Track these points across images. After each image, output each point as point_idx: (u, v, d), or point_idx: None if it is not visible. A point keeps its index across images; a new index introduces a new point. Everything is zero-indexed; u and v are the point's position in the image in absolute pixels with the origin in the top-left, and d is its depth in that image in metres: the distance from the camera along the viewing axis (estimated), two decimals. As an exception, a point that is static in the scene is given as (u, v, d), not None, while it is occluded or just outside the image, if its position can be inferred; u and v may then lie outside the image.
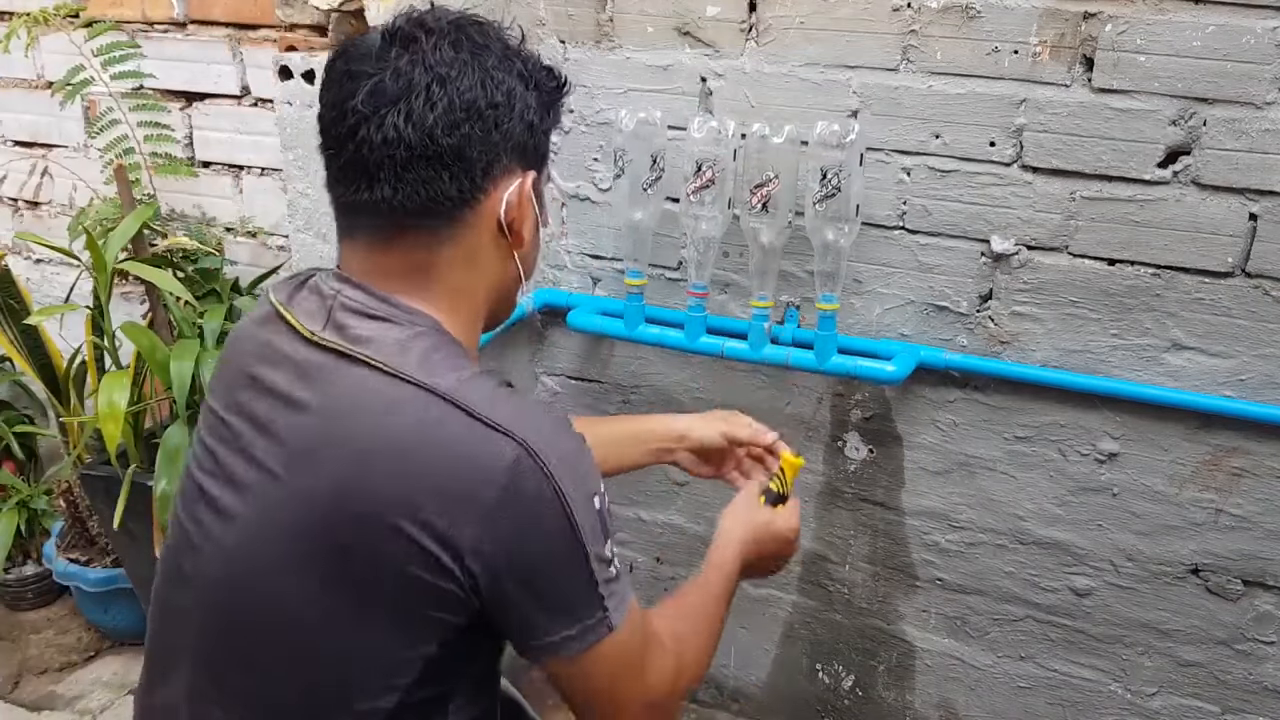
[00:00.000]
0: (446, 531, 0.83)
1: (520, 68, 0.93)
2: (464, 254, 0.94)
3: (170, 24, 2.07)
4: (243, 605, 0.91)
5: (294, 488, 0.87)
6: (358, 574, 0.86)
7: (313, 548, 0.87)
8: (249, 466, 0.91)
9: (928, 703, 1.84)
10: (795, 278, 1.67)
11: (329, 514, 0.86)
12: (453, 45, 0.90)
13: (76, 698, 2.09)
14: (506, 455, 0.84)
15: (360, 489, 0.84)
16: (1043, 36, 1.42)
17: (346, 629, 0.88)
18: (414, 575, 0.84)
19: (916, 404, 1.67)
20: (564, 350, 1.90)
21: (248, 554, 0.90)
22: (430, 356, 0.88)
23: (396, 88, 0.87)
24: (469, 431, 0.85)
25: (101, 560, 2.15)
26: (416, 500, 0.83)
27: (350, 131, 0.88)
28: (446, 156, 0.89)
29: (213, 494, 0.93)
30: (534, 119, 0.94)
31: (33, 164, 2.33)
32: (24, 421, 2.38)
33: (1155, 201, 1.43)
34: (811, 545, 1.83)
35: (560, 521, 0.86)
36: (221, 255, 2.13)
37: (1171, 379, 1.50)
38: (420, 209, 0.90)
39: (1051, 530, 1.64)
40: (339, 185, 0.93)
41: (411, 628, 0.88)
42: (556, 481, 0.85)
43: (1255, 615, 1.56)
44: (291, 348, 0.92)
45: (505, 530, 0.84)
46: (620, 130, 1.58)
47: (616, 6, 1.65)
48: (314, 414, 0.88)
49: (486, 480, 0.83)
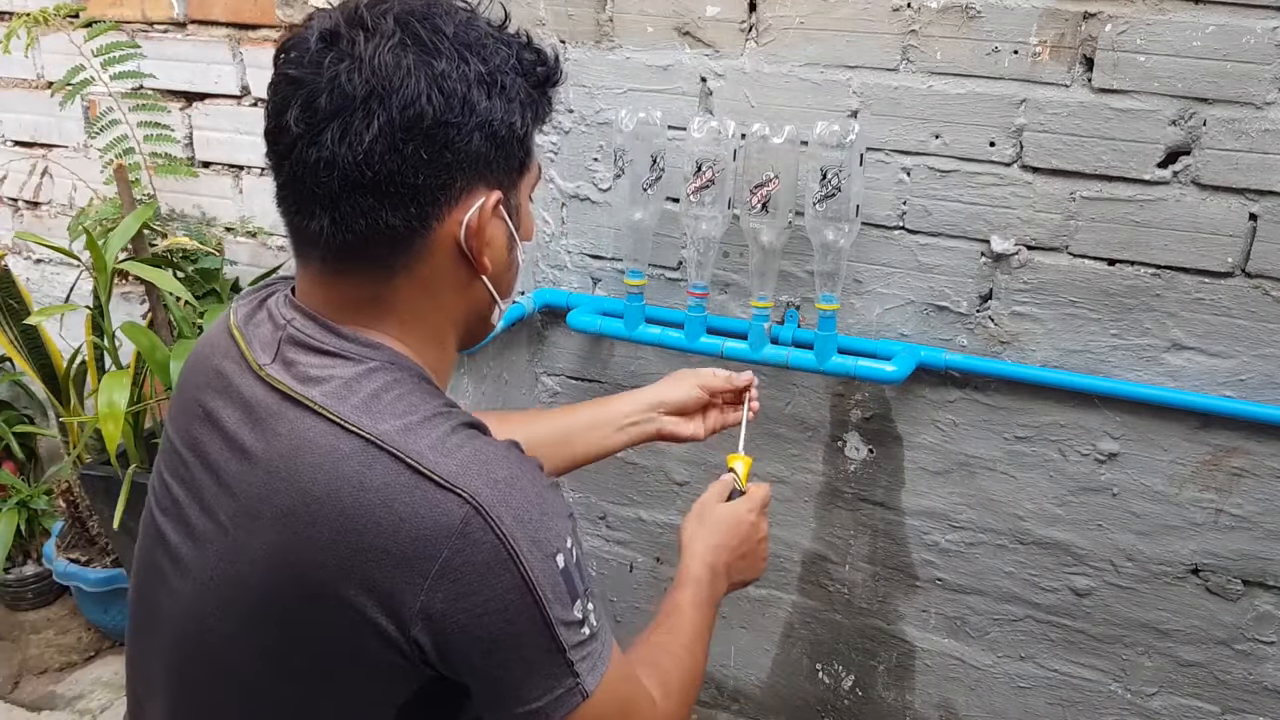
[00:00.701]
0: (390, 599, 0.76)
1: (479, 70, 0.80)
2: (420, 284, 0.84)
3: (170, 24, 2.06)
4: (199, 659, 0.87)
5: (239, 544, 0.81)
6: (301, 640, 0.80)
7: (255, 610, 0.81)
8: (202, 515, 0.85)
9: (928, 703, 1.84)
10: (795, 278, 1.67)
11: (269, 575, 0.79)
12: (396, 49, 0.77)
13: (76, 698, 2.09)
14: (454, 516, 0.76)
15: (300, 552, 0.78)
16: (1043, 36, 1.42)
17: (297, 697, 0.83)
18: (358, 645, 0.78)
19: (916, 404, 1.67)
20: (564, 350, 1.90)
21: (199, 611, 0.85)
22: (380, 397, 0.80)
23: (331, 104, 0.77)
24: (412, 490, 0.76)
25: (101, 560, 2.15)
26: (357, 565, 0.76)
27: (287, 149, 0.80)
28: (386, 184, 0.78)
29: (171, 540, 0.88)
30: (500, 129, 0.82)
31: (33, 164, 2.33)
32: (24, 421, 2.38)
33: (1155, 201, 1.43)
34: (811, 545, 1.84)
35: (516, 588, 0.77)
36: (221, 255, 2.13)
37: (1171, 379, 1.50)
38: (362, 241, 0.80)
39: (1051, 530, 1.64)
40: (281, 206, 0.85)
41: (360, 700, 0.82)
42: (510, 544, 0.76)
43: (1255, 615, 1.56)
44: (241, 380, 0.85)
45: (455, 599, 0.76)
46: (620, 130, 1.58)
47: (616, 6, 1.65)
48: (258, 466, 0.81)
49: (431, 545, 0.75)
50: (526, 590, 0.78)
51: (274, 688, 0.83)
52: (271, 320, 0.87)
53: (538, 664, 0.80)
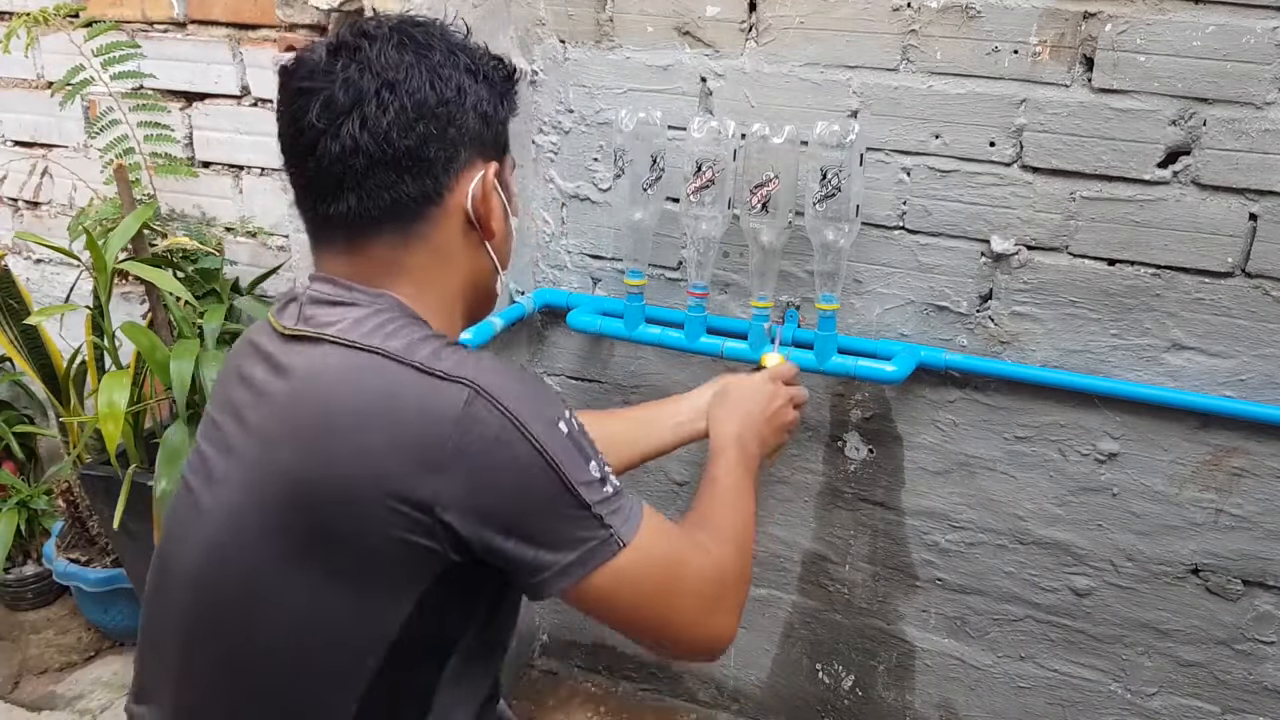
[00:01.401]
0: (411, 486, 0.83)
1: (466, 61, 0.95)
2: (436, 251, 0.96)
3: (170, 24, 2.07)
4: (215, 586, 0.92)
5: (263, 468, 0.89)
6: (327, 538, 0.86)
7: (282, 520, 0.87)
8: (226, 458, 0.93)
9: (928, 703, 1.84)
10: (795, 278, 1.67)
11: (297, 484, 0.86)
12: (397, 48, 0.91)
13: (76, 698, 2.09)
14: (457, 400, 0.84)
15: (324, 455, 0.85)
16: (1043, 36, 1.42)
17: (317, 595, 0.88)
18: (384, 534, 0.84)
19: (916, 404, 1.67)
20: (564, 350, 1.90)
21: (219, 542, 0.91)
22: (385, 326, 0.90)
23: (348, 98, 0.89)
24: (417, 384, 0.86)
25: (101, 560, 2.15)
26: (378, 459, 0.84)
27: (309, 147, 0.90)
28: (405, 159, 0.90)
29: (196, 490, 0.96)
30: (488, 109, 0.96)
31: (33, 164, 2.33)
32: (24, 421, 2.38)
33: (1155, 201, 1.43)
34: (811, 545, 1.84)
35: (528, 454, 0.85)
36: (221, 255, 2.13)
37: (1171, 379, 1.50)
38: (386, 213, 0.92)
39: (1051, 530, 1.64)
40: (306, 200, 0.95)
41: (383, 588, 0.87)
42: (513, 416, 0.85)
43: (1255, 615, 1.56)
44: (269, 343, 0.95)
45: (471, 475, 0.84)
46: (620, 130, 1.58)
47: (616, 6, 1.65)
48: (282, 398, 0.90)
49: (441, 429, 0.83)
50: (538, 455, 0.85)
51: (292, 587, 0.88)
52: (296, 299, 0.98)
53: (566, 522, 0.87)
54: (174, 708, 0.96)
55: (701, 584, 0.95)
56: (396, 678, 0.90)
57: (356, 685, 0.89)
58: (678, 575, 0.94)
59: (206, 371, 1.84)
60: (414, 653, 0.90)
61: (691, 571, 0.95)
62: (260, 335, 0.98)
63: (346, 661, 0.89)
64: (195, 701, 0.95)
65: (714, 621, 0.97)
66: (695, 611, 0.95)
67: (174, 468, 1.83)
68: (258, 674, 0.91)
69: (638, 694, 2.07)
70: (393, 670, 0.89)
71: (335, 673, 0.89)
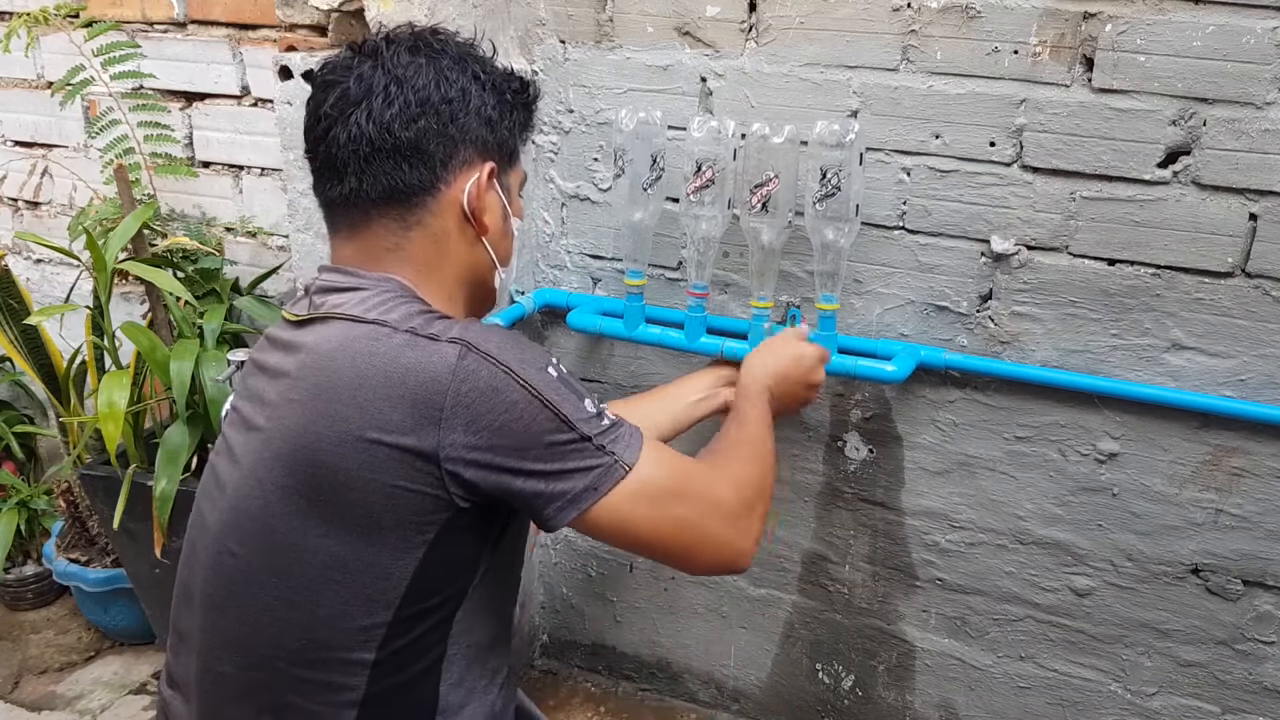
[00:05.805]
0: (413, 438, 0.89)
1: (475, 69, 1.03)
2: (432, 238, 1.03)
3: (170, 24, 2.07)
4: (238, 546, 0.97)
5: (277, 433, 0.95)
6: (335, 490, 0.92)
7: (294, 476, 0.93)
8: (246, 435, 0.99)
9: (928, 703, 1.84)
10: (795, 278, 1.67)
11: (309, 443, 0.92)
12: (410, 50, 1.01)
13: (76, 698, 2.09)
14: (450, 356, 0.91)
15: (328, 413, 0.92)
16: (1043, 36, 1.42)
17: (330, 547, 0.93)
18: (388, 483, 0.90)
19: (916, 404, 1.67)
20: (564, 350, 1.90)
21: (239, 506, 0.97)
22: (387, 303, 0.97)
23: (359, 91, 0.99)
24: (414, 346, 0.92)
25: (101, 560, 2.15)
26: (378, 414, 0.90)
27: (324, 133, 1.00)
28: (405, 148, 0.99)
29: (220, 470, 1.02)
30: (492, 114, 1.03)
31: (33, 164, 2.33)
32: (24, 421, 2.39)
33: (1155, 201, 1.43)
34: (811, 545, 1.84)
35: (524, 397, 0.92)
36: (221, 255, 2.13)
37: (1171, 379, 1.50)
38: (385, 197, 1.00)
39: (1051, 530, 1.64)
40: (318, 184, 1.04)
41: (394, 537, 0.92)
42: (505, 364, 0.92)
43: (1255, 615, 1.56)
44: (283, 333, 1.02)
45: (471, 423, 0.90)
46: (620, 130, 1.58)
47: (616, 6, 1.65)
48: (294, 371, 0.96)
49: (438, 382, 0.90)
50: (533, 397, 0.92)
51: (308, 538, 0.93)
52: (306, 291, 1.05)
53: (570, 454, 0.93)
54: (201, 672, 1.01)
55: (717, 496, 1.02)
56: (412, 623, 0.95)
57: (376, 632, 0.94)
58: (690, 489, 1.00)
59: (206, 371, 1.84)
60: (425, 599, 0.95)
61: (704, 484, 1.01)
62: (275, 329, 1.05)
63: (363, 610, 0.93)
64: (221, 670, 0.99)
65: (735, 532, 1.03)
66: (714, 523, 1.01)
67: (174, 467, 1.84)
68: (280, 628, 0.96)
69: (638, 694, 2.07)
70: (409, 615, 0.94)
71: (354, 620, 0.94)
